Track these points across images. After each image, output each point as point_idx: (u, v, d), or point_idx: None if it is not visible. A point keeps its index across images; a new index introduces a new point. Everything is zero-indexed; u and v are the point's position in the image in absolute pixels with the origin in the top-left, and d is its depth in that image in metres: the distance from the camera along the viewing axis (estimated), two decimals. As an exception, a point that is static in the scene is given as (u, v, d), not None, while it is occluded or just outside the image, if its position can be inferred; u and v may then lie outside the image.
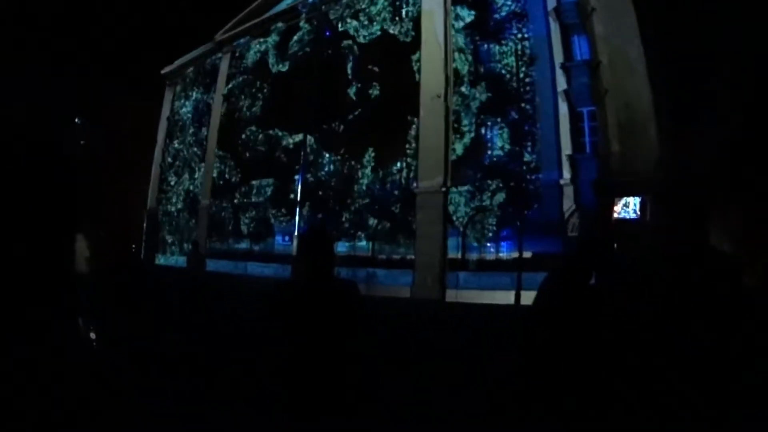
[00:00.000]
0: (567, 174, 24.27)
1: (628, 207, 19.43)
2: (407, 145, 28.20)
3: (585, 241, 2.60)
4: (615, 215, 19.18)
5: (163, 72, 50.04)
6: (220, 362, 9.52)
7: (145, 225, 47.86)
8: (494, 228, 24.85)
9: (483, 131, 26.11)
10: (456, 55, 27.24)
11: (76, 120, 66.59)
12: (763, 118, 23.47)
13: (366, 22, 31.50)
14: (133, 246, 47.99)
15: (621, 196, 19.99)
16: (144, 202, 48.78)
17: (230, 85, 40.34)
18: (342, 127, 31.13)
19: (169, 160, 46.65)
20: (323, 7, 31.40)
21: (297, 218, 26.59)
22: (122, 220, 50.71)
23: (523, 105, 24.99)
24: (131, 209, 51.38)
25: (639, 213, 18.49)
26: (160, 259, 43.97)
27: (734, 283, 2.21)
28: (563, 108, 24.95)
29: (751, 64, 24.04)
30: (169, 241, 43.97)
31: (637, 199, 18.99)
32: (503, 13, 26.69)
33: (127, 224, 49.56)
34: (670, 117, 22.71)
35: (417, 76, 28.37)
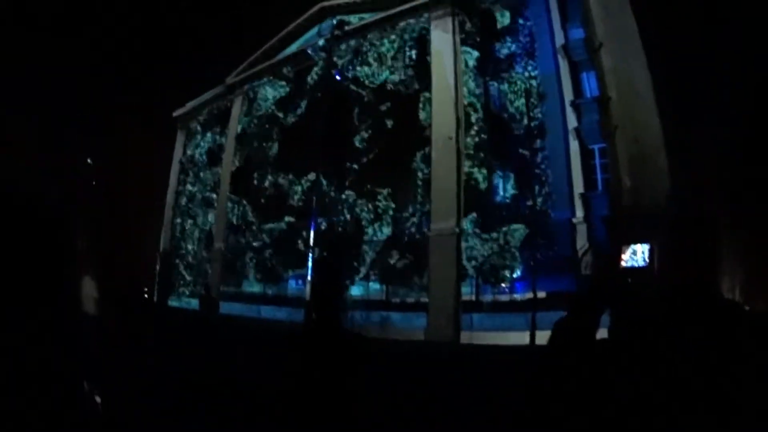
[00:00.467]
0: (580, 212, 24.18)
1: (636, 255, 19.20)
2: (419, 188, 28.15)
3: (592, 287, 2.54)
4: (623, 264, 18.99)
5: (175, 115, 50.34)
6: (226, 404, 9.50)
7: (157, 267, 47.80)
8: (508, 269, 24.69)
9: (495, 172, 26.13)
10: (466, 96, 27.32)
11: (88, 161, 67.24)
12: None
13: (375, 66, 31.69)
14: (146, 288, 47.99)
15: (633, 237, 19.81)
16: (157, 245, 48.78)
17: (242, 128, 40.53)
18: (354, 170, 31.09)
19: (182, 202, 46.75)
20: (333, 51, 31.58)
21: (310, 262, 26.46)
22: (135, 262, 50.87)
23: (534, 144, 24.93)
24: (144, 252, 51.53)
25: (648, 260, 18.24)
26: (173, 302, 43.86)
27: (743, 332, 2.13)
28: (574, 146, 24.95)
29: (764, 94, 24.02)
30: (182, 283, 43.89)
31: (646, 246, 18.76)
32: (512, 53, 26.80)
33: (139, 267, 49.67)
34: (680, 150, 22.62)
35: (428, 118, 28.40)
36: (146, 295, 46.62)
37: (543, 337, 3.34)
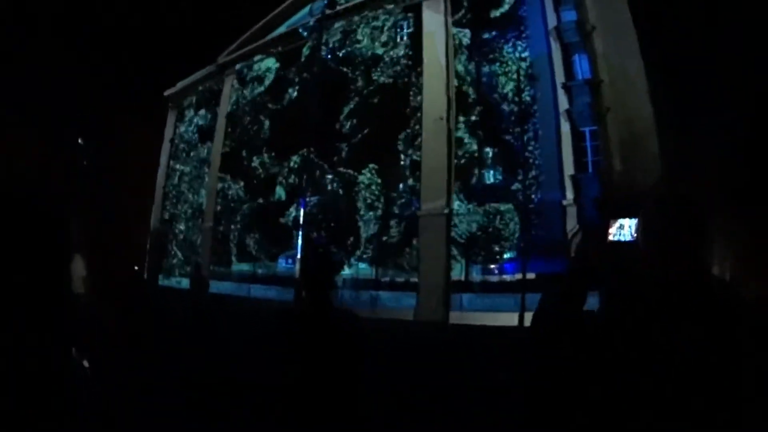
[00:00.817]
0: (570, 194, 24.24)
1: (623, 229, 19.25)
2: (410, 167, 28.17)
3: (578, 261, 2.55)
4: (610, 238, 19.02)
5: (166, 94, 50.10)
6: (220, 385, 9.55)
7: (148, 246, 47.75)
8: (498, 249, 24.78)
9: (486, 153, 26.13)
10: (457, 77, 27.27)
11: (79, 140, 66.82)
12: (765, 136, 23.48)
13: (367, 44, 31.59)
14: (136, 267, 47.92)
15: (622, 216, 19.87)
16: (147, 224, 48.70)
17: (233, 107, 40.38)
18: (345, 149, 31.05)
19: (173, 181, 46.63)
20: (324, 29, 31.43)
21: (300, 240, 26.46)
22: (125, 241, 50.75)
23: (525, 126, 24.90)
24: (135, 230, 51.41)
25: (635, 234, 18.28)
26: (164, 281, 43.83)
27: (734, 308, 2.17)
28: (565, 127, 24.95)
29: (754, 81, 24.07)
30: (173, 262, 43.87)
31: (633, 221, 18.82)
32: (504, 34, 26.72)
33: (130, 245, 49.56)
34: (672, 132, 22.70)
35: (419, 97, 28.36)
36: (137, 274, 46.51)
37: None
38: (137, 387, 8.78)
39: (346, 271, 28.98)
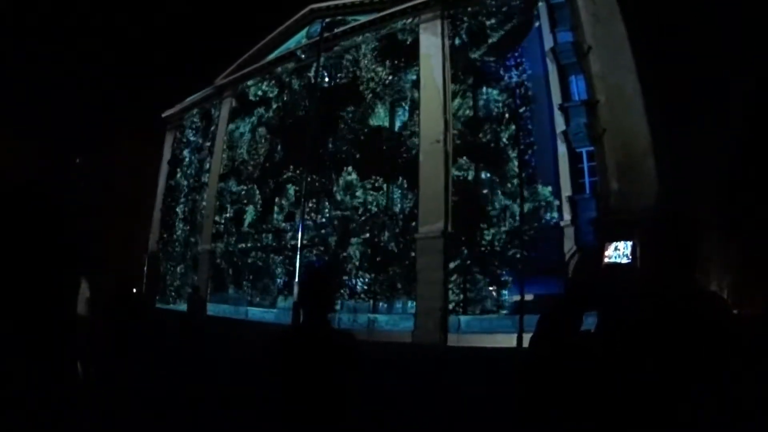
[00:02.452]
0: (567, 215, 24.24)
1: (618, 250, 19.25)
2: (408, 190, 28.20)
3: (575, 283, 2.56)
4: (606, 260, 18.96)
5: (164, 115, 50.18)
6: (213, 405, 9.53)
7: (146, 268, 47.61)
8: (495, 271, 24.75)
9: (482, 175, 26.13)
10: (455, 99, 27.35)
11: (77, 160, 66.98)
12: (761, 157, 23.52)
13: (364, 67, 31.72)
14: (134, 289, 47.74)
15: (618, 238, 19.85)
16: (146, 246, 48.61)
17: (230, 130, 40.42)
18: (342, 171, 31.03)
19: (171, 203, 46.57)
20: (321, 52, 31.58)
21: (298, 264, 26.41)
22: (124, 263, 50.66)
23: (521, 147, 24.91)
24: (133, 252, 51.33)
25: (630, 256, 18.28)
26: (161, 303, 43.65)
27: (726, 327, 2.15)
28: (562, 149, 24.98)
29: (752, 101, 24.15)
30: (171, 284, 43.70)
31: (628, 243, 18.82)
32: (500, 56, 26.84)
33: (128, 267, 49.46)
34: (668, 154, 22.72)
35: (416, 120, 28.45)
36: (134, 296, 46.35)
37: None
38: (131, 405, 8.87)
39: (345, 294, 28.88)
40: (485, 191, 25.88)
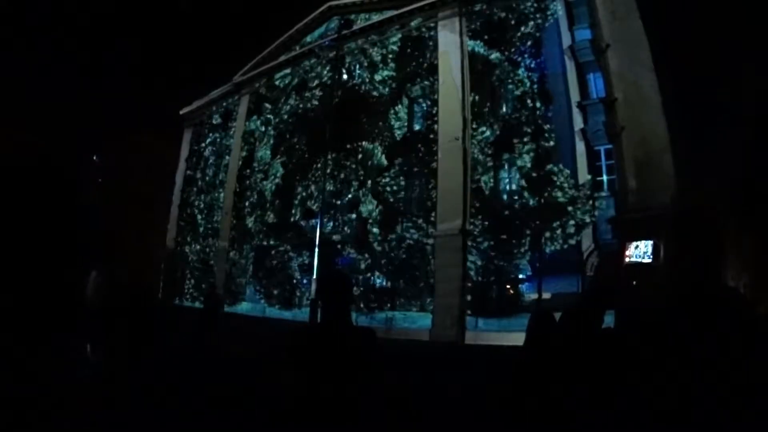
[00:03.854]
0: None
1: (639, 249, 19.19)
2: (426, 188, 28.22)
3: (593, 288, 2.59)
4: (627, 259, 18.89)
5: (182, 113, 50.37)
6: (225, 402, 9.54)
7: (163, 265, 47.83)
8: (515, 269, 24.73)
9: (501, 173, 26.11)
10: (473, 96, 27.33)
11: (95, 158, 67.40)
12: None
13: (382, 64, 31.74)
14: (151, 285, 47.97)
15: (637, 235, 19.79)
16: (163, 243, 48.82)
17: (248, 127, 40.52)
18: (360, 169, 31.08)
19: (189, 201, 46.72)
20: (339, 50, 31.58)
21: (316, 262, 26.45)
22: (142, 259, 50.95)
23: (540, 145, 24.86)
24: (149, 249, 51.61)
25: (652, 255, 18.26)
26: (178, 299, 43.81)
27: (748, 324, 2.17)
28: (580, 147, 24.90)
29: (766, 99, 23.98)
30: (188, 281, 43.84)
31: (649, 242, 18.75)
32: (519, 54, 26.80)
33: (146, 264, 49.73)
34: (686, 152, 22.63)
35: (435, 118, 28.47)
36: (151, 292, 46.55)
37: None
38: (145, 396, 9.11)
39: (364, 292, 28.91)
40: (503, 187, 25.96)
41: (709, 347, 2.10)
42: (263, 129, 39.21)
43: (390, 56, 31.72)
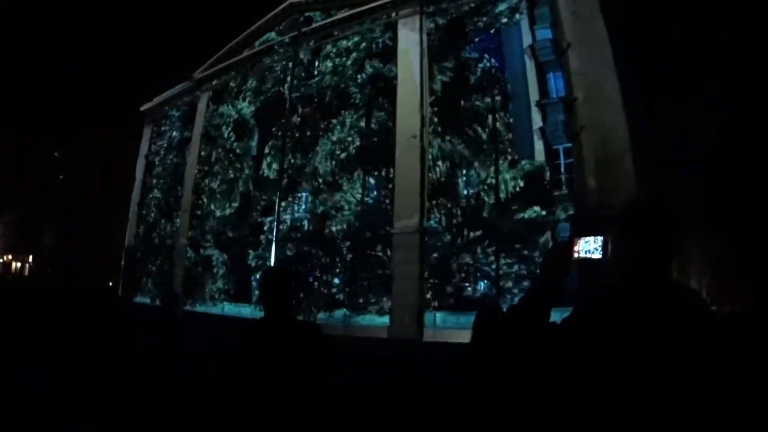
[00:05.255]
0: (543, 211, 24.26)
1: (588, 245, 19.35)
2: (383, 185, 28.15)
3: (538, 282, 2.55)
4: (576, 255, 19.04)
5: (142, 109, 49.83)
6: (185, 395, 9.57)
7: (123, 263, 47.31)
8: (472, 267, 24.73)
9: (458, 171, 26.15)
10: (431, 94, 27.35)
11: (55, 153, 66.74)
12: (739, 155, 23.74)
13: (341, 62, 31.65)
14: (110, 283, 47.48)
15: (592, 234, 19.93)
16: (122, 241, 48.29)
17: (208, 124, 40.14)
18: (317, 166, 30.93)
19: (148, 198, 46.24)
20: (300, 47, 31.41)
21: (273, 258, 26.27)
22: (101, 256, 50.40)
23: (498, 144, 24.91)
24: (110, 247, 51.08)
25: (601, 251, 18.44)
26: (139, 297, 43.29)
27: (699, 321, 2.11)
28: (539, 145, 25.03)
29: (730, 97, 24.36)
30: (147, 279, 43.37)
31: (599, 238, 18.93)
32: (479, 52, 26.87)
33: (105, 261, 49.21)
34: (647, 151, 22.83)
35: (392, 115, 28.40)
36: (111, 289, 46.04)
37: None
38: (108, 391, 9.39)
39: (322, 289, 28.80)
40: (461, 186, 26.01)
41: (657, 343, 2.03)
42: (222, 125, 38.78)
43: (349, 54, 31.60)
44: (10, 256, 76.65)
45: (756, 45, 24.59)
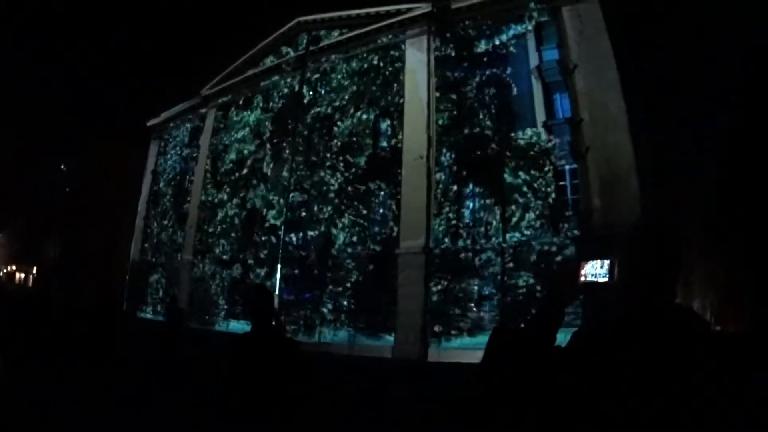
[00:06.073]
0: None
1: (594, 268, 19.25)
2: (389, 206, 28.19)
3: (544, 306, 2.56)
4: (582, 279, 18.99)
5: (149, 124, 49.96)
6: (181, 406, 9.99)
7: (128, 278, 47.28)
8: (477, 288, 24.69)
9: (466, 192, 26.14)
10: (438, 115, 27.41)
11: (61, 166, 66.81)
12: (742, 174, 23.68)
13: (348, 82, 31.76)
14: (115, 297, 47.40)
15: (598, 254, 19.85)
16: (128, 255, 48.29)
17: (215, 141, 40.27)
18: (324, 187, 30.99)
19: (154, 213, 46.31)
20: (308, 65, 31.50)
21: (278, 277, 26.24)
22: (106, 271, 50.36)
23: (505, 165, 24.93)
24: (115, 261, 51.05)
25: (608, 274, 18.40)
26: (143, 313, 43.24)
27: (701, 344, 2.12)
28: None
29: (734, 120, 24.34)
30: (152, 294, 43.35)
31: (606, 261, 18.89)
32: (487, 73, 26.94)
33: (110, 274, 49.17)
34: (651, 171, 22.80)
35: (400, 136, 28.50)
36: (115, 304, 45.94)
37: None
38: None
39: (327, 307, 28.75)
40: (469, 207, 26.00)
41: (659, 367, 2.05)
42: (229, 143, 38.90)
43: (357, 73, 31.70)
44: (14, 267, 76.76)
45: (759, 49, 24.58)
